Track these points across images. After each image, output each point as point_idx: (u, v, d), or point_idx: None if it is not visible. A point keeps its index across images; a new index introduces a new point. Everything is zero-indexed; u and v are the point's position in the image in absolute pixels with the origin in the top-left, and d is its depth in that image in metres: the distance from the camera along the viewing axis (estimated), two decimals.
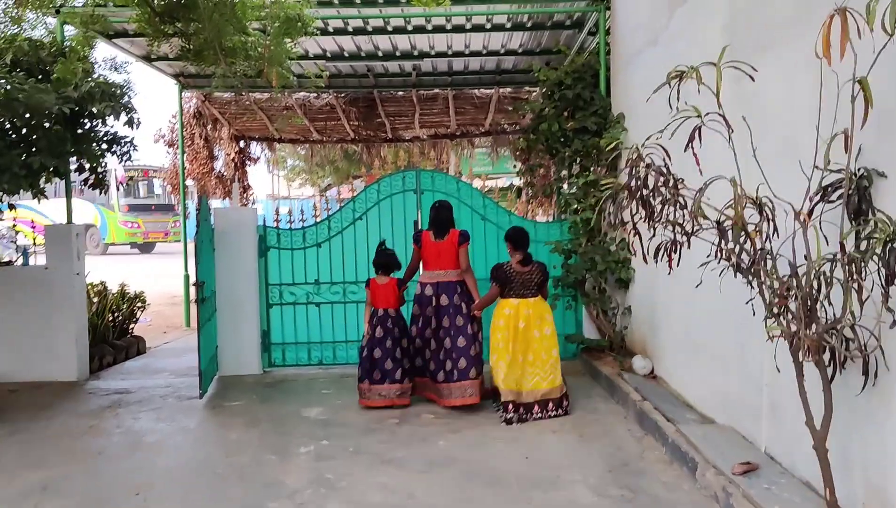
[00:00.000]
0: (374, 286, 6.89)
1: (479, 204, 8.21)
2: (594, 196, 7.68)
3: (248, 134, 14.83)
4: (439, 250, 6.72)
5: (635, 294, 7.41)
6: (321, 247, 8.18)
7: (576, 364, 8.02)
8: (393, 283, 6.87)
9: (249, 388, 7.58)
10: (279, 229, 8.19)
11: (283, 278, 8.17)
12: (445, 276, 6.71)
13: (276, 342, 8.23)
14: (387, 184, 8.20)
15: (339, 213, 8.20)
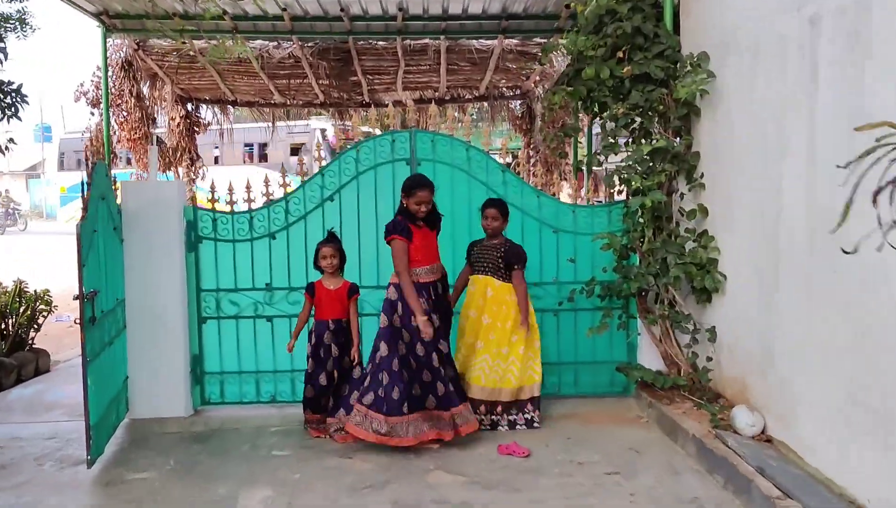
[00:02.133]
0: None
1: (498, 181, 5.90)
2: (662, 170, 5.42)
3: (196, 95, 12.35)
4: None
5: (725, 312, 5.17)
6: (275, 238, 5.84)
7: (628, 405, 5.79)
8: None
9: (169, 444, 5.25)
10: (216, 213, 5.82)
11: (223, 281, 5.84)
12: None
13: (211, 372, 5.90)
14: (369, 150, 5.86)
15: (302, 190, 5.85)
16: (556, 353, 5.91)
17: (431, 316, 4.93)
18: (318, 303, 5.22)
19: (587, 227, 5.92)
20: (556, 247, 5.91)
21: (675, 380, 5.26)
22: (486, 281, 5.28)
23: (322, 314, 5.21)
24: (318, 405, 5.21)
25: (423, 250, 5.05)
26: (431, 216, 5.13)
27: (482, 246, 5.38)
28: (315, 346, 5.17)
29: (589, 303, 5.83)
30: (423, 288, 5.00)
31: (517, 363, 5.20)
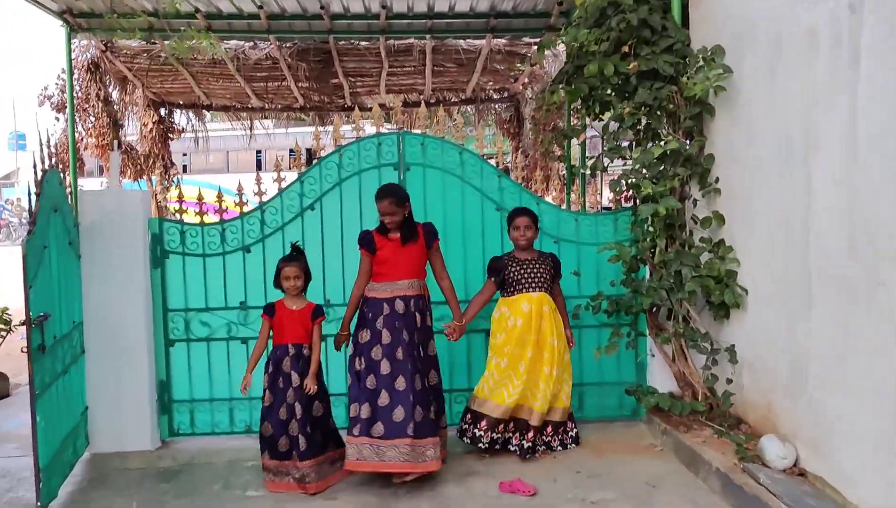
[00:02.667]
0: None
1: (494, 186, 5.41)
2: (675, 175, 4.95)
3: (170, 99, 11.79)
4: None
5: (746, 329, 4.71)
6: (250, 252, 5.31)
7: (640, 431, 5.31)
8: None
9: (132, 482, 4.71)
10: (184, 225, 5.29)
11: (192, 300, 5.30)
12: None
13: (180, 400, 5.35)
14: (353, 154, 5.35)
15: (279, 199, 5.33)
16: None
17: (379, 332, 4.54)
18: (278, 325, 4.55)
19: (591, 236, 5.44)
20: None
21: (694, 406, 4.78)
22: (541, 299, 4.86)
23: (282, 338, 4.55)
24: (276, 449, 4.47)
25: (390, 264, 4.60)
26: (408, 228, 4.64)
27: (523, 261, 4.93)
28: (272, 375, 4.51)
29: (594, 320, 5.35)
30: (377, 304, 4.58)
31: (567, 378, 4.97)
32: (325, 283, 5.30)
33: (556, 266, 4.99)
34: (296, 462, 4.42)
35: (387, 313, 4.56)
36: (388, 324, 4.55)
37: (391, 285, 4.60)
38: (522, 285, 4.86)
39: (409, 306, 4.59)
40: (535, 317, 4.80)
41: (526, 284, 4.85)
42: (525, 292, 4.85)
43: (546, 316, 4.82)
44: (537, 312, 4.81)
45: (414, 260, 4.66)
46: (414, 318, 4.59)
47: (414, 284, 4.64)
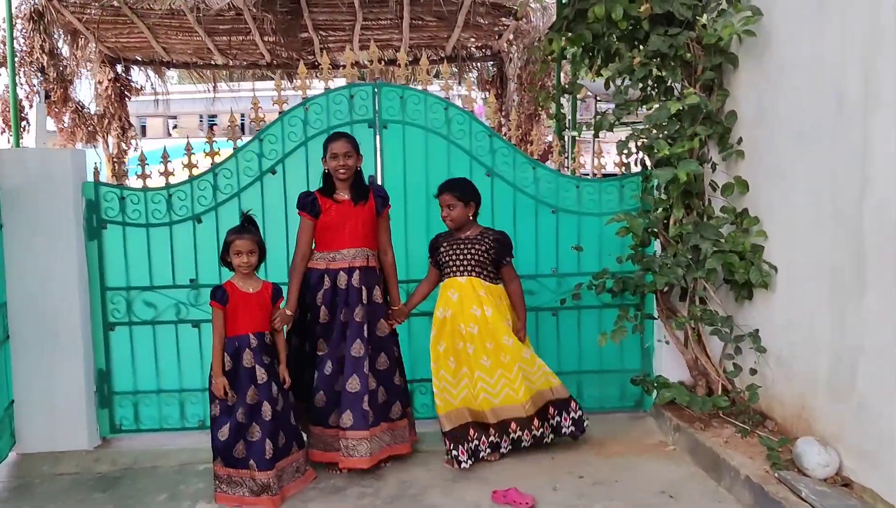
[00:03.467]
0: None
1: (485, 148, 4.71)
2: (695, 134, 4.29)
3: (126, 55, 10.89)
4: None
5: (775, 313, 4.09)
6: (201, 222, 4.59)
7: (647, 426, 4.70)
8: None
9: (61, 492, 4.03)
10: (123, 190, 4.54)
11: (135, 277, 4.57)
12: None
13: (122, 392, 4.64)
14: (321, 109, 4.61)
15: (234, 160, 4.60)
16: (556, 361, 4.76)
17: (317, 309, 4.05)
18: (233, 312, 3.79)
19: (593, 206, 4.78)
20: (555, 231, 4.77)
21: (716, 401, 4.17)
22: (472, 285, 4.12)
23: (238, 327, 3.79)
24: (231, 455, 3.76)
25: (336, 231, 4.01)
26: (359, 187, 4.06)
27: (455, 240, 4.19)
28: (231, 371, 3.78)
29: (595, 300, 4.72)
30: (321, 275, 4.04)
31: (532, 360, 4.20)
32: (288, 258, 4.59)
33: (501, 246, 4.16)
34: (253, 473, 3.73)
35: (326, 287, 4.00)
36: (326, 300, 4.00)
37: (333, 254, 4.02)
38: (452, 269, 4.16)
39: (351, 280, 4.00)
40: (468, 303, 4.08)
41: (454, 267, 4.15)
42: (454, 276, 4.15)
43: (484, 302, 4.08)
44: (470, 296, 4.09)
45: (363, 225, 4.05)
46: (359, 294, 4.00)
47: (361, 254, 4.04)
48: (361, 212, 4.03)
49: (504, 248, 4.17)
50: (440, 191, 4.16)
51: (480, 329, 4.05)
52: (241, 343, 3.79)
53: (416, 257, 4.49)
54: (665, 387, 4.40)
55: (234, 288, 3.82)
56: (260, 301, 3.86)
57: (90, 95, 11.22)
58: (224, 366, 3.77)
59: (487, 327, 4.05)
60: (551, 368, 4.71)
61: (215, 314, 3.80)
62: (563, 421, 4.21)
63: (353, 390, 3.96)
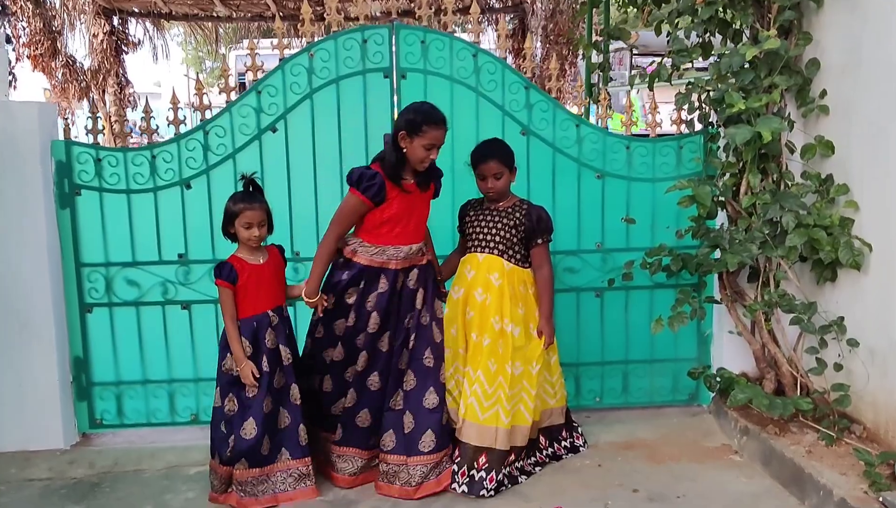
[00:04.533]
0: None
1: (520, 102, 4.03)
2: (773, 86, 3.60)
3: (122, 6, 10.20)
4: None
5: (869, 299, 3.44)
6: (190, 188, 3.95)
7: (705, 424, 4.09)
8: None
9: (28, 503, 3.44)
10: (99, 150, 3.90)
11: (114, 251, 3.95)
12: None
13: (103, 382, 4.05)
14: (328, 55, 3.93)
15: (228, 116, 3.94)
16: (599, 349, 4.18)
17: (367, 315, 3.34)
18: (244, 290, 3.24)
19: (646, 170, 4.11)
20: (600, 199, 4.11)
21: (797, 403, 3.51)
22: (489, 263, 3.43)
23: (255, 306, 3.26)
24: (259, 454, 3.22)
25: (400, 224, 3.30)
26: (429, 173, 3.35)
27: (484, 210, 3.52)
28: (252, 357, 3.24)
29: (646, 279, 4.08)
30: (375, 274, 3.32)
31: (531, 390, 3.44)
32: (292, 230, 3.98)
33: (535, 223, 3.43)
34: (288, 464, 3.30)
35: (382, 289, 3.31)
36: (380, 305, 3.32)
37: (393, 251, 3.31)
38: (472, 242, 3.50)
39: (408, 281, 3.38)
40: (475, 285, 3.42)
41: (475, 240, 3.49)
42: (473, 251, 3.49)
43: (495, 290, 3.39)
44: (480, 279, 3.42)
45: (423, 214, 3.44)
46: (420, 295, 3.39)
47: (421, 248, 3.43)
48: (424, 199, 3.38)
49: (538, 226, 3.44)
50: (484, 156, 3.42)
51: (474, 317, 3.42)
52: (260, 323, 3.27)
53: (436, 229, 3.78)
54: (733, 384, 3.75)
55: (242, 263, 3.25)
56: (274, 271, 3.36)
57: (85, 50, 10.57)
58: (244, 351, 3.23)
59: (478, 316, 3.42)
60: (595, 356, 4.16)
61: (224, 294, 3.23)
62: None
63: (431, 405, 3.32)
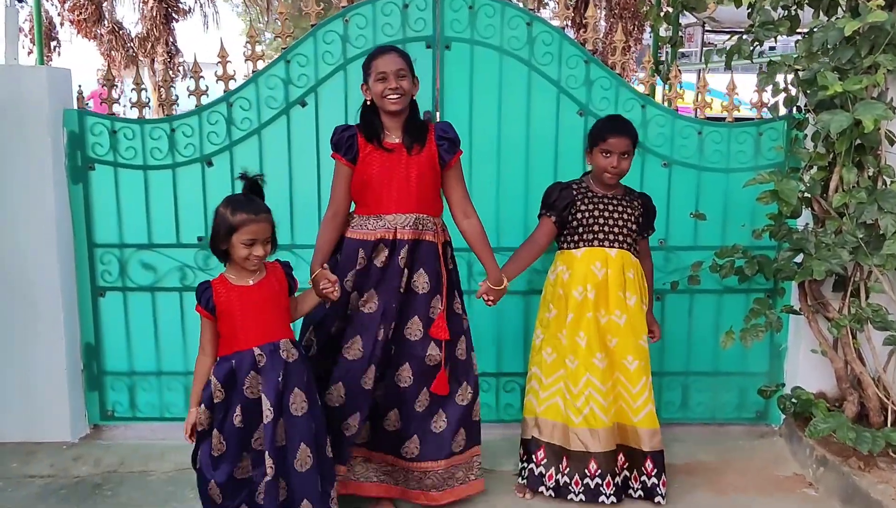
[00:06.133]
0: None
1: (579, 77, 3.57)
2: (875, 66, 3.08)
3: None
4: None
5: None
6: (212, 165, 3.61)
7: (775, 448, 3.63)
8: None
9: (23, 505, 3.18)
10: (115, 121, 3.58)
11: (129, 232, 3.65)
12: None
13: (115, 372, 3.77)
14: (364, 21, 3.52)
15: (253, 87, 3.57)
16: (657, 357, 3.72)
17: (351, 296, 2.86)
18: (224, 319, 2.54)
19: (719, 159, 3.63)
20: (666, 190, 3.64)
21: (889, 437, 3.04)
22: (623, 260, 3.05)
23: (237, 340, 2.55)
24: None
25: (378, 188, 2.84)
26: (414, 127, 2.86)
27: (601, 198, 3.08)
28: (222, 405, 2.54)
29: (714, 282, 3.62)
30: (351, 248, 2.87)
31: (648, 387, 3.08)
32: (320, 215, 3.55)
33: (649, 213, 3.18)
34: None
35: (360, 265, 2.85)
36: (359, 283, 2.86)
37: (376, 219, 2.86)
38: (595, 235, 3.05)
39: (396, 258, 2.84)
40: (614, 284, 3.01)
41: (601, 233, 3.05)
42: (599, 245, 3.05)
43: (630, 284, 3.04)
44: (616, 279, 3.02)
45: (418, 181, 2.85)
46: (401, 277, 2.84)
47: (412, 222, 2.85)
48: (417, 162, 2.84)
49: (651, 216, 3.19)
50: (617, 130, 3.01)
51: (627, 321, 3.02)
52: (240, 363, 2.53)
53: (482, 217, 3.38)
54: (811, 408, 3.27)
55: (226, 283, 2.55)
56: (269, 295, 2.59)
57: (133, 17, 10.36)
58: (212, 396, 2.54)
59: (631, 319, 3.03)
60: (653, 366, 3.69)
61: (203, 326, 2.58)
62: (631, 481, 3.13)
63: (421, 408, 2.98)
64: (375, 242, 2.84)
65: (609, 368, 3.04)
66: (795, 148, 3.41)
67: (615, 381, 3.07)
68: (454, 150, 2.90)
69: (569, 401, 3.04)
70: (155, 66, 10.33)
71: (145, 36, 9.95)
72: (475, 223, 2.97)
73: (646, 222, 3.16)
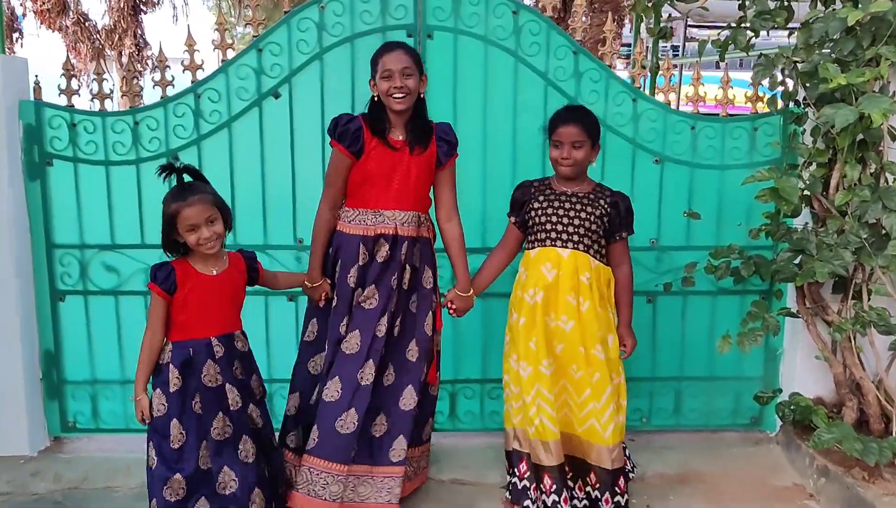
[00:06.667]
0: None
1: (567, 69, 3.39)
2: (878, 58, 2.94)
3: None
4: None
5: None
6: (178, 161, 3.36)
7: (772, 455, 3.50)
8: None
9: None
10: (74, 112, 3.35)
11: (91, 232, 3.42)
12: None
13: (76, 381, 3.54)
14: (341, 8, 3.30)
15: (223, 77, 3.36)
16: (649, 362, 3.58)
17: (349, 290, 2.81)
18: (182, 305, 2.50)
19: (713, 155, 3.47)
20: (658, 187, 3.49)
21: (895, 446, 2.91)
22: (575, 262, 2.82)
23: (194, 328, 2.52)
24: None
25: (380, 184, 2.78)
26: (419, 125, 2.81)
27: (558, 195, 2.88)
28: (180, 392, 2.48)
29: (708, 283, 3.48)
30: (356, 243, 2.79)
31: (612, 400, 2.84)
32: (295, 214, 3.42)
33: (621, 214, 2.86)
34: None
35: (363, 260, 2.78)
36: (361, 278, 2.79)
37: (375, 214, 2.78)
38: (548, 234, 2.87)
39: (398, 253, 2.79)
40: (564, 288, 2.80)
41: (553, 232, 2.85)
42: (551, 244, 2.86)
43: (584, 289, 2.80)
44: (567, 282, 2.80)
45: (417, 180, 2.80)
46: (403, 273, 2.81)
47: (414, 219, 2.82)
48: (417, 162, 2.78)
49: (624, 216, 2.86)
50: (565, 119, 2.81)
51: (575, 327, 2.81)
52: (196, 351, 2.50)
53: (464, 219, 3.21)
54: (810, 415, 3.14)
55: (188, 269, 2.52)
56: (231, 287, 2.59)
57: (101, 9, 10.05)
58: (168, 383, 2.47)
59: (581, 325, 2.81)
60: (644, 371, 3.59)
61: (155, 303, 2.50)
62: (602, 502, 2.89)
63: (407, 408, 2.84)
64: (375, 237, 2.79)
65: (556, 375, 2.84)
66: (794, 144, 3.27)
67: (561, 389, 2.88)
68: (451, 153, 2.87)
69: (524, 410, 2.86)
70: (122, 59, 10.02)
71: (112, 28, 9.65)
72: (456, 227, 2.93)
73: (618, 223, 2.84)
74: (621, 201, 2.86)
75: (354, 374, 2.73)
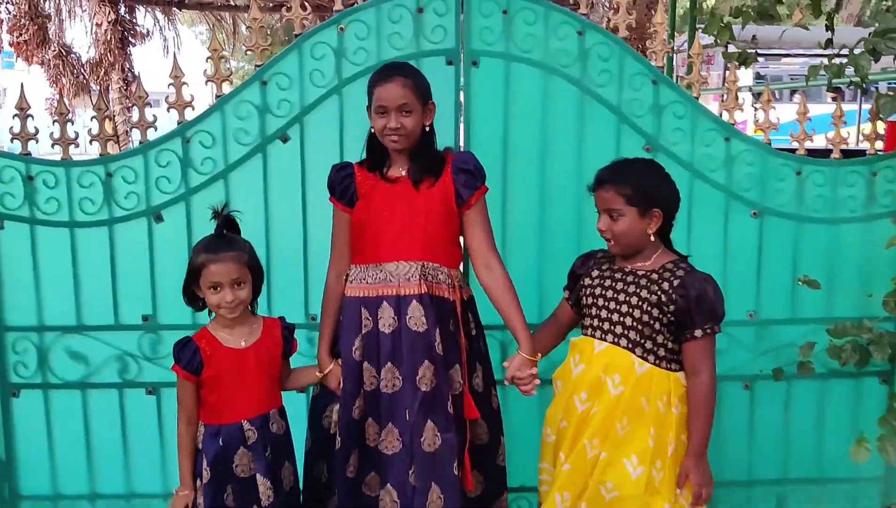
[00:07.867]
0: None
1: (644, 102, 2.75)
2: None
3: None
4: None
5: None
6: (162, 220, 2.73)
7: None
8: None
9: None
10: (31, 163, 2.68)
11: (52, 311, 2.75)
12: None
13: (34, 496, 2.84)
14: (365, 30, 2.67)
15: (219, 117, 2.71)
16: (745, 462, 2.91)
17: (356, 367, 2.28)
18: (212, 384, 2.19)
19: (822, 205, 2.82)
20: (757, 246, 2.84)
21: None
22: (610, 359, 2.13)
23: (225, 411, 2.21)
24: None
25: (377, 229, 2.29)
26: (424, 157, 2.29)
27: (615, 272, 2.22)
28: (210, 485, 2.17)
29: (817, 364, 2.80)
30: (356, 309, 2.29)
31: None
32: (307, 285, 2.75)
33: (693, 303, 2.07)
34: None
35: (367, 328, 2.27)
36: (368, 350, 2.26)
37: (376, 269, 2.28)
38: (592, 320, 2.22)
39: (405, 319, 2.23)
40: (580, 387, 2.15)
41: (597, 318, 2.20)
42: (591, 334, 2.21)
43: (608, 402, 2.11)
44: (590, 379, 2.14)
45: (426, 221, 2.27)
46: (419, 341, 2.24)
47: (418, 271, 2.24)
48: (426, 198, 2.24)
49: (698, 307, 2.07)
50: (599, 180, 2.18)
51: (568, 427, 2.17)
52: (228, 438, 2.19)
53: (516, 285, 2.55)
54: None
55: (214, 344, 2.19)
56: (265, 360, 2.26)
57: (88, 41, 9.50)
58: (202, 475, 2.19)
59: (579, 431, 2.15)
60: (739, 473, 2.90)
61: (182, 388, 2.20)
62: None
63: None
64: (377, 299, 2.25)
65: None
66: None
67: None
68: (474, 185, 2.29)
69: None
70: (110, 94, 9.45)
71: (98, 61, 9.09)
72: (499, 276, 2.31)
73: (684, 315, 2.08)
74: (693, 285, 2.08)
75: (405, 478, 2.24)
